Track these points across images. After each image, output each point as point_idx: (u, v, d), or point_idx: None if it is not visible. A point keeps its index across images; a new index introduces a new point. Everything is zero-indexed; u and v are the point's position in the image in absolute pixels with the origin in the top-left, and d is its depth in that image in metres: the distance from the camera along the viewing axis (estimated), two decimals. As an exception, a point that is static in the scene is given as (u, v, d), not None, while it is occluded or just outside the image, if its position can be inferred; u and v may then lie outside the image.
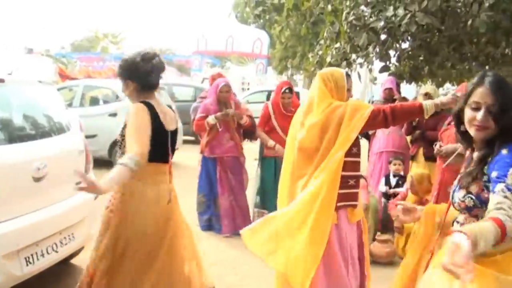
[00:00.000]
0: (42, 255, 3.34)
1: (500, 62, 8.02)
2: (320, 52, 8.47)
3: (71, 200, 3.70)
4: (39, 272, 3.36)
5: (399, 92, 6.47)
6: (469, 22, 6.11)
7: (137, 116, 2.73)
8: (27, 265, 3.19)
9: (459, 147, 4.18)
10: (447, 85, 11.13)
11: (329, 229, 2.86)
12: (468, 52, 7.67)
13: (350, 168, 2.96)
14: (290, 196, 3.06)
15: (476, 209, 1.94)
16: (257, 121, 5.84)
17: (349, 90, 3.01)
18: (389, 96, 6.42)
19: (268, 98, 15.78)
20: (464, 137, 2.07)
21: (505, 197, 1.76)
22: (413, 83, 9.29)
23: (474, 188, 1.94)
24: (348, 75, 3.09)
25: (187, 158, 10.41)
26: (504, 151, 1.88)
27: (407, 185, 5.29)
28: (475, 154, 2.02)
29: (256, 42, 25.94)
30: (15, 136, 3.42)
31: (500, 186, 1.79)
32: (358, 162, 3.11)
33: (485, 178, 1.90)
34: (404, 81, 8.84)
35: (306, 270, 2.76)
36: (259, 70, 26.52)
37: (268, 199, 5.58)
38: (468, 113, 1.96)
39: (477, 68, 8.68)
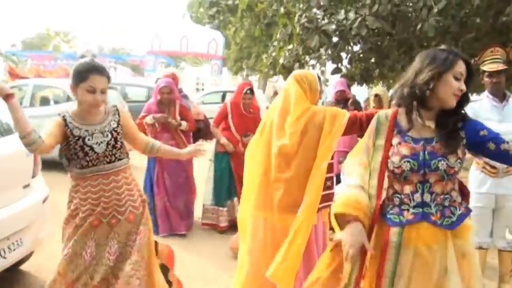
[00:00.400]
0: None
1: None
2: (274, 54, 8.54)
3: (19, 204, 3.60)
4: None
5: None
6: (419, 26, 6.28)
7: None
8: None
9: None
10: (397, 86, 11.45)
11: (309, 231, 2.89)
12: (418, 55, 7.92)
13: (327, 171, 2.98)
14: (266, 197, 3.04)
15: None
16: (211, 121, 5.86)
17: (321, 92, 3.03)
18: (341, 97, 6.53)
19: (223, 99, 15.80)
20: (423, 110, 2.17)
21: None
22: (364, 84, 9.51)
23: (460, 153, 2.11)
24: (319, 78, 3.11)
25: (139, 159, 10.29)
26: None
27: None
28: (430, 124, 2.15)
29: (211, 42, 25.84)
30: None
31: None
32: (332, 164, 3.15)
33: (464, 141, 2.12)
34: (356, 82, 9.04)
35: (289, 271, 2.78)
36: (214, 71, 26.46)
37: (220, 195, 5.66)
38: (453, 83, 2.08)
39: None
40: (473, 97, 4.62)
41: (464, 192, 2.26)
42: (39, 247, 4.04)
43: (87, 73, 2.68)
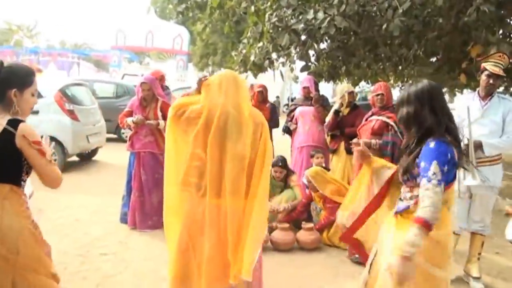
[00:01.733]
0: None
1: (412, 62, 8.65)
2: (244, 51, 8.71)
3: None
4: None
5: (317, 90, 6.85)
6: (384, 26, 6.54)
7: None
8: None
9: (375, 141, 4.60)
10: (362, 83, 11.80)
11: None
12: (383, 53, 8.21)
13: None
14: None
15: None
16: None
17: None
18: (307, 94, 6.81)
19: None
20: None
21: (426, 189, 2.30)
22: (331, 81, 9.78)
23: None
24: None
25: (111, 157, 10.35)
26: (431, 144, 2.38)
27: (306, 182, 5.61)
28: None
29: (176, 38, 25.79)
30: None
31: (423, 181, 2.33)
32: None
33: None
34: (323, 79, 9.30)
35: (252, 253, 2.96)
36: (180, 67, 26.42)
37: None
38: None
39: (391, 68, 9.32)
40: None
41: None
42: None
43: (32, 77, 2.54)
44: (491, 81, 4.20)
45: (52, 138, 8.61)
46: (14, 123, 2.38)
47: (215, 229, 3.01)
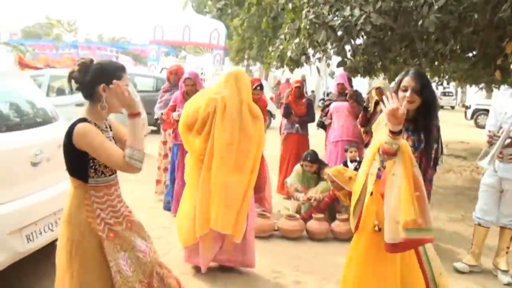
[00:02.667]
0: (41, 233, 3.67)
1: (448, 58, 8.68)
2: (281, 47, 8.92)
3: (63, 184, 4.01)
4: (37, 249, 3.68)
5: (351, 86, 7.01)
6: (420, 22, 6.64)
7: None
8: (28, 242, 3.52)
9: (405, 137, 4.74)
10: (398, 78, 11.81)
11: None
12: (419, 49, 8.27)
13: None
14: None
15: None
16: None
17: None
18: (342, 90, 6.99)
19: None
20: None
21: None
22: (367, 76, 9.90)
23: None
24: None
25: (151, 148, 10.70)
26: None
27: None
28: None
29: (213, 32, 26.07)
30: (13, 124, 3.74)
31: None
32: None
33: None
34: (359, 75, 9.43)
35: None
36: (216, 61, 26.72)
37: None
38: (400, 94, 2.96)
39: (427, 63, 9.37)
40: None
41: None
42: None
43: (120, 72, 2.56)
44: None
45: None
46: (74, 124, 2.53)
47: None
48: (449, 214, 6.71)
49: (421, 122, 3.05)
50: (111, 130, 2.72)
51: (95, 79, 2.51)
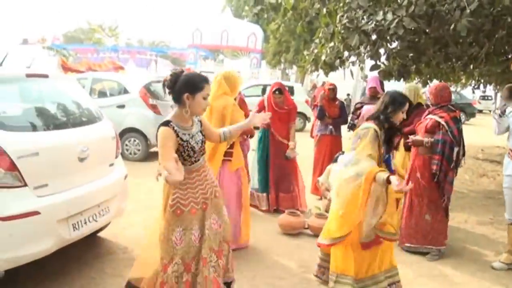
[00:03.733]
0: (85, 223, 3.98)
1: (482, 61, 8.69)
2: (316, 51, 9.08)
3: (106, 179, 4.33)
4: (82, 237, 4.00)
5: (383, 90, 7.13)
6: (452, 26, 6.70)
7: None
8: (73, 230, 3.83)
9: (427, 139, 4.86)
10: (434, 81, 11.82)
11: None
12: (452, 52, 8.31)
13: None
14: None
15: None
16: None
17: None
18: (374, 93, 7.12)
19: (263, 92, 16.40)
20: None
21: None
22: (401, 80, 9.95)
23: None
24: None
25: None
26: None
27: None
28: None
29: (250, 36, 26.39)
30: (62, 123, 4.07)
31: None
32: None
33: None
34: (393, 78, 9.50)
35: None
36: (253, 64, 27.02)
37: (261, 183, 6.62)
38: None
39: (461, 67, 9.39)
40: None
41: None
42: (120, 216, 4.77)
43: (203, 84, 3.09)
44: None
45: (136, 130, 9.47)
46: (160, 125, 3.07)
47: None
48: (478, 217, 6.74)
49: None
50: (201, 125, 3.31)
51: (182, 88, 3.05)
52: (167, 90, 3.15)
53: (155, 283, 3.17)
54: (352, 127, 7.30)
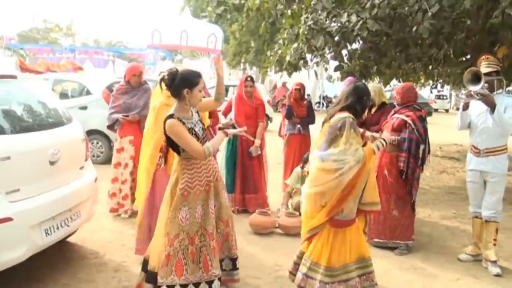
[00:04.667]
0: (57, 228, 3.90)
1: (442, 62, 8.96)
2: (280, 51, 9.16)
3: (78, 182, 4.27)
4: (54, 243, 3.92)
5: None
6: (414, 28, 6.89)
7: None
8: (46, 235, 3.75)
9: (394, 137, 4.99)
10: (394, 81, 12.11)
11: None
12: (413, 53, 8.54)
13: None
14: None
15: None
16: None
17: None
18: None
19: (225, 93, 16.42)
20: None
21: None
22: (363, 80, 10.14)
23: None
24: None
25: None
26: None
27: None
28: None
29: (210, 37, 26.17)
30: (32, 125, 3.98)
31: None
32: None
33: None
34: (355, 78, 9.67)
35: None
36: (213, 65, 26.91)
37: (227, 182, 6.50)
38: None
39: (421, 67, 9.65)
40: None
41: None
42: (91, 220, 4.70)
43: (198, 78, 3.51)
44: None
45: (99, 132, 9.30)
46: (167, 118, 3.46)
47: None
48: (442, 212, 6.96)
49: None
50: (198, 115, 3.70)
51: (181, 84, 3.48)
52: (164, 87, 3.56)
53: (160, 257, 3.51)
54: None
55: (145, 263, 3.73)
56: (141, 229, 4.47)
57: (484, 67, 4.83)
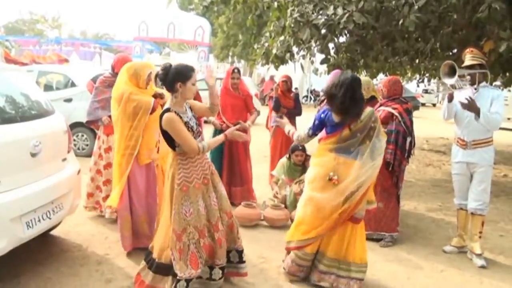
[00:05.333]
0: (39, 220, 3.84)
1: (428, 56, 8.97)
2: (266, 44, 9.13)
3: (60, 174, 4.20)
4: (36, 235, 3.86)
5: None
6: (401, 21, 6.89)
7: None
8: (27, 228, 3.69)
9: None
10: (380, 75, 12.13)
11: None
12: (400, 47, 8.55)
13: None
14: None
15: None
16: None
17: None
18: None
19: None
20: None
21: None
22: (350, 74, 10.14)
23: None
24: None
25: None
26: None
27: None
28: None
29: (198, 30, 26.14)
30: (13, 117, 3.90)
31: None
32: None
33: None
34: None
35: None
36: (201, 58, 26.79)
37: None
38: None
39: (407, 61, 9.66)
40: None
41: None
42: (73, 213, 4.64)
43: (191, 72, 3.61)
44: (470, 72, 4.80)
45: (84, 124, 9.19)
46: (163, 112, 3.56)
47: None
48: (427, 204, 7.00)
49: None
50: (191, 110, 3.78)
51: (174, 78, 3.55)
52: (159, 82, 3.74)
53: (173, 252, 3.60)
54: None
55: (148, 254, 3.87)
56: (122, 225, 4.48)
57: (468, 60, 4.84)
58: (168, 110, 3.55)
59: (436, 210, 6.70)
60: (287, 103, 7.11)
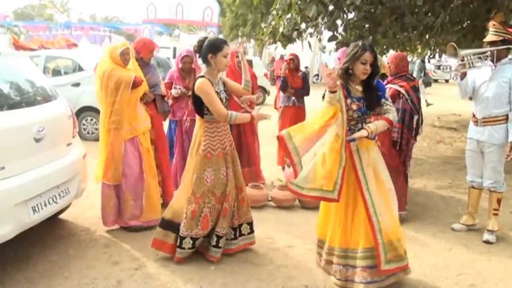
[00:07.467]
0: (45, 205, 3.86)
1: (439, 31, 8.82)
2: (273, 23, 9.02)
3: (65, 159, 4.21)
4: (42, 220, 3.89)
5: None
6: (409, -5, 6.77)
7: None
8: (33, 213, 3.71)
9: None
10: (391, 51, 11.96)
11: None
12: (408, 22, 8.41)
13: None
14: None
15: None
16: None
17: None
18: None
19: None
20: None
21: (390, 105, 3.72)
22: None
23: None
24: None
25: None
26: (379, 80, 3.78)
27: None
28: (359, 88, 3.67)
29: (206, 10, 26.03)
30: (16, 102, 3.89)
31: (387, 102, 3.71)
32: None
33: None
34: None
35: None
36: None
37: None
38: (360, 67, 3.55)
39: (417, 36, 9.50)
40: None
41: None
42: (80, 197, 4.66)
43: (222, 45, 3.83)
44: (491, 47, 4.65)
45: (93, 109, 9.22)
46: (197, 78, 3.84)
47: None
48: (437, 182, 6.93)
49: (367, 89, 3.67)
50: (223, 84, 4.05)
51: (206, 50, 3.83)
52: (196, 54, 4.03)
53: (186, 211, 3.88)
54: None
55: (163, 221, 4.11)
56: (105, 201, 4.68)
57: (489, 35, 4.67)
58: (202, 76, 3.83)
59: (446, 188, 6.63)
60: (294, 83, 7.04)
